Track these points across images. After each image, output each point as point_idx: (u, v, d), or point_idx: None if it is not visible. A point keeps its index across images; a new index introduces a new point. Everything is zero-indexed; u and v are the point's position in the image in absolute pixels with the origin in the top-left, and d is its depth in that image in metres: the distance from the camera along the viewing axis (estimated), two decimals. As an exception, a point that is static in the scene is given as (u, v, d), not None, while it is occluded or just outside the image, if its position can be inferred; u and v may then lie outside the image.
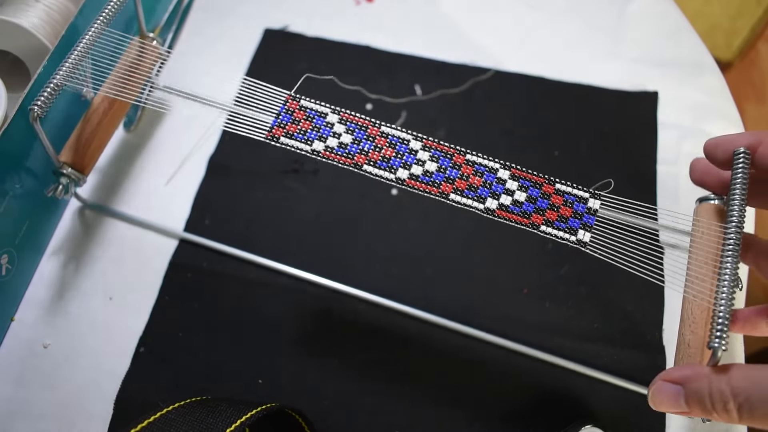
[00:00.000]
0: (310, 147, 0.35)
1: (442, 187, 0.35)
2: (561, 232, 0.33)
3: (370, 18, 0.61)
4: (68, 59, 0.38)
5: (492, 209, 0.34)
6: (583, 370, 0.44)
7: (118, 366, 0.43)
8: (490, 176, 0.35)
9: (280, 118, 0.36)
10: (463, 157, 0.35)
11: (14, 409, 0.41)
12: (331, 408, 0.42)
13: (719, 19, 1.11)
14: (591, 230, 0.33)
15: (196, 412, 0.34)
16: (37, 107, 0.36)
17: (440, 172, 0.35)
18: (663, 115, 0.55)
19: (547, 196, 0.34)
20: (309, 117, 0.36)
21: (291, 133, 0.36)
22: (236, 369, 0.44)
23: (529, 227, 0.34)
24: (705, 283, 0.30)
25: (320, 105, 0.37)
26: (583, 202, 0.34)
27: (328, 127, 0.36)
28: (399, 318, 0.46)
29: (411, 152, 0.35)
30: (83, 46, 0.38)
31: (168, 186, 0.51)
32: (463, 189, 0.35)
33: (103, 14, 0.39)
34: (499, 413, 0.43)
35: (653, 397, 0.29)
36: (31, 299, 0.45)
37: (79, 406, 0.42)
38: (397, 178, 0.35)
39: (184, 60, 0.57)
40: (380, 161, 0.35)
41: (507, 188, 0.35)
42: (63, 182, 0.41)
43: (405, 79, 0.57)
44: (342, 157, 0.35)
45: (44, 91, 0.36)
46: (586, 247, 0.33)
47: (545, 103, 0.56)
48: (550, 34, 0.61)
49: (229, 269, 0.47)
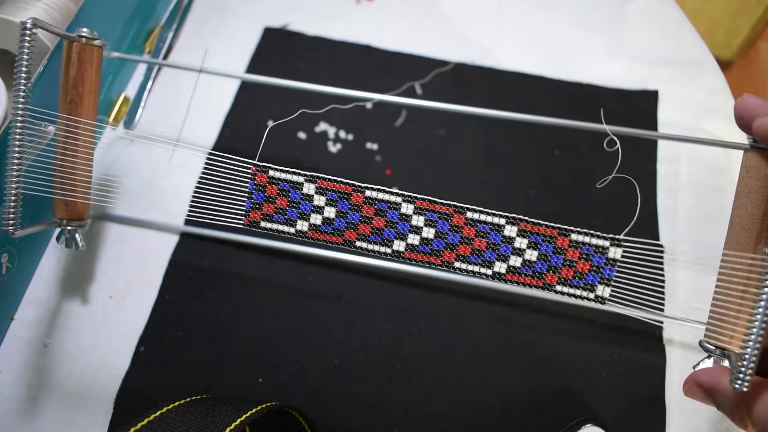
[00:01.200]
0: (294, 228, 0.33)
1: (444, 256, 0.32)
2: (578, 290, 0.31)
3: (370, 17, 0.61)
4: (12, 161, 0.34)
5: (501, 273, 0.31)
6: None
7: (118, 365, 0.43)
8: (495, 236, 0.32)
9: (253, 197, 0.33)
10: (463, 217, 0.32)
11: (14, 408, 0.42)
12: (332, 407, 0.42)
13: (720, 18, 1.11)
14: (610, 284, 0.31)
15: (196, 410, 0.34)
16: (11, 227, 0.35)
17: (440, 238, 0.32)
18: (663, 114, 0.55)
19: (562, 251, 0.31)
20: (283, 191, 0.33)
21: (269, 214, 0.33)
22: (236, 368, 0.44)
23: (543, 288, 0.31)
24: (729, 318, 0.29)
25: (291, 174, 0.33)
26: (603, 252, 0.31)
27: (307, 201, 0.32)
28: (398, 317, 0.46)
29: (403, 218, 0.32)
30: (19, 131, 0.34)
31: (167, 184, 0.51)
32: (467, 255, 0.32)
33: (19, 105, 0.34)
34: (500, 412, 0.43)
35: (687, 393, 0.30)
36: (31, 298, 0.45)
37: (79, 405, 0.42)
38: (393, 251, 0.32)
39: (184, 59, 0.57)
40: (372, 234, 0.32)
41: (516, 248, 0.31)
42: (68, 235, 0.41)
43: (405, 78, 0.57)
44: (330, 236, 0.32)
45: (9, 211, 0.35)
46: (605, 303, 0.30)
47: (545, 102, 0.56)
48: (550, 33, 0.61)
49: (229, 268, 0.47)
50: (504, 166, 0.53)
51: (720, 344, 0.30)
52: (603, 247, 0.31)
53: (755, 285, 0.27)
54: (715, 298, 0.31)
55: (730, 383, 0.27)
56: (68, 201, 0.39)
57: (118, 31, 0.51)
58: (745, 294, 0.29)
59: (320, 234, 0.32)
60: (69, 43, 0.38)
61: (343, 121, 0.54)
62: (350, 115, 0.54)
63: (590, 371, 0.44)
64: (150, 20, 0.57)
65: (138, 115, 0.54)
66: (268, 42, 0.59)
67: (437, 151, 0.53)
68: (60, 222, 0.40)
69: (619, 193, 0.45)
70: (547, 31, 0.61)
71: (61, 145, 0.38)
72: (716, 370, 0.29)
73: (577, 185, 0.52)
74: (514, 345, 0.45)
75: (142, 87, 0.55)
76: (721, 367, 0.30)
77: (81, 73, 0.38)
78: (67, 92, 0.38)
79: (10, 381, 0.42)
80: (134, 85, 0.55)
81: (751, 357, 0.26)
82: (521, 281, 0.31)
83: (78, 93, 0.38)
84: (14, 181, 0.35)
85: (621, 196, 0.47)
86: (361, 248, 0.32)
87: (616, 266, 0.31)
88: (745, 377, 0.26)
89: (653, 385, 0.43)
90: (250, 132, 0.53)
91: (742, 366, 0.26)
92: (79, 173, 0.39)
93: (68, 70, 0.38)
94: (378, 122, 0.54)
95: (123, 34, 0.53)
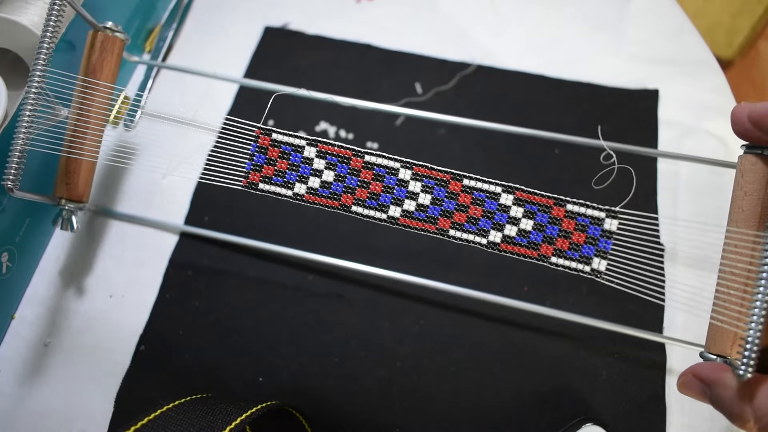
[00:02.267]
0: (291, 191, 0.33)
1: (439, 223, 0.32)
2: (574, 262, 0.31)
3: (370, 16, 0.61)
4: (23, 118, 0.35)
5: (496, 243, 0.31)
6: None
7: (118, 364, 0.43)
8: (491, 204, 0.32)
9: (254, 159, 0.33)
10: (460, 184, 0.32)
11: (14, 407, 0.42)
12: (332, 406, 0.42)
13: (720, 17, 1.11)
14: (607, 257, 0.31)
15: (197, 409, 0.34)
16: (10, 182, 0.35)
17: (436, 205, 0.32)
18: (663, 113, 0.55)
19: (557, 221, 0.31)
20: (284, 154, 0.33)
21: (268, 177, 0.33)
22: (237, 367, 0.44)
23: (538, 260, 0.31)
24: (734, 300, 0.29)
25: (294, 137, 0.34)
26: (598, 223, 0.31)
27: (307, 164, 0.33)
28: (399, 316, 0.46)
29: (401, 184, 0.33)
30: (34, 92, 0.35)
31: (167, 183, 0.51)
32: (463, 222, 0.32)
33: (43, 51, 0.36)
34: (500, 411, 0.43)
35: (681, 387, 0.29)
36: (31, 297, 0.46)
37: (80, 404, 0.42)
38: (389, 217, 0.32)
39: (183, 58, 0.57)
40: (369, 199, 0.32)
41: (511, 216, 0.31)
42: (65, 216, 0.41)
43: (405, 78, 0.57)
44: (327, 199, 0.33)
45: (11, 165, 0.35)
46: (600, 277, 0.30)
47: (546, 101, 0.56)
48: (550, 31, 0.61)
49: (229, 267, 0.47)
50: (504, 166, 0.53)
51: (721, 352, 0.30)
52: (599, 218, 0.31)
53: (754, 284, 0.27)
54: (716, 304, 0.31)
55: (734, 371, 0.26)
56: (70, 180, 0.40)
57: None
58: (744, 297, 0.29)
59: (317, 197, 0.33)
60: (94, 32, 0.41)
61: (344, 120, 0.54)
62: (350, 114, 0.54)
63: (590, 371, 0.44)
64: (150, 19, 0.57)
65: (138, 114, 0.54)
66: (269, 41, 0.59)
67: (437, 150, 0.53)
68: (59, 201, 0.40)
69: (619, 193, 0.45)
70: (548, 30, 0.61)
71: (74, 119, 0.39)
72: (717, 365, 0.29)
73: (577, 184, 0.52)
74: (514, 345, 0.45)
75: (142, 86, 0.55)
76: (722, 364, 0.30)
77: (101, 60, 0.41)
78: (85, 75, 0.40)
79: (10, 380, 0.42)
80: (134, 84, 0.55)
81: (754, 339, 0.26)
82: (516, 251, 0.31)
83: (96, 78, 0.40)
84: (21, 137, 0.35)
85: (622, 196, 0.47)
86: (357, 213, 0.33)
87: (612, 239, 0.31)
88: (749, 361, 0.26)
89: (653, 385, 0.43)
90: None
91: (745, 350, 0.26)
92: (87, 146, 0.40)
93: (90, 56, 0.41)
94: (378, 121, 0.54)
95: (123, 34, 0.53)
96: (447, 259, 0.48)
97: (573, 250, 0.31)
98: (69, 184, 0.40)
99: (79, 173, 0.41)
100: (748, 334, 0.26)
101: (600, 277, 0.31)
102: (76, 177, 0.40)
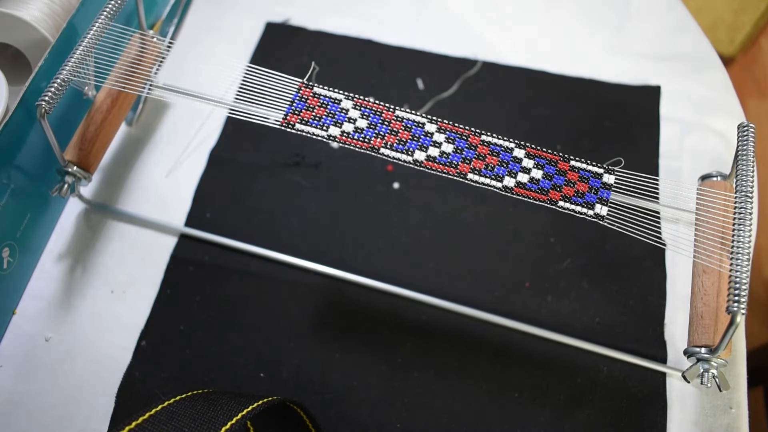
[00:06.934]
0: (326, 132, 0.36)
1: (459, 168, 0.35)
2: (578, 206, 0.34)
3: (371, 12, 0.61)
4: (74, 54, 0.37)
5: (510, 187, 0.35)
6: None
7: (119, 359, 0.43)
8: (506, 155, 0.36)
9: (295, 105, 0.37)
10: (479, 138, 0.36)
11: (16, 402, 0.42)
12: (333, 401, 0.42)
13: (722, 14, 1.11)
14: (607, 204, 0.34)
15: (198, 405, 0.34)
16: (44, 103, 0.35)
17: (457, 153, 0.35)
18: (665, 110, 0.55)
19: (563, 173, 0.35)
20: (323, 104, 0.37)
21: (306, 119, 0.36)
22: (238, 362, 0.44)
23: (548, 203, 0.34)
24: (714, 252, 0.32)
25: (334, 92, 0.37)
26: (598, 177, 0.35)
27: (343, 113, 0.36)
28: (400, 311, 0.46)
29: (427, 134, 0.36)
30: (88, 41, 0.38)
31: (169, 180, 0.51)
32: (481, 168, 0.35)
33: (107, 9, 0.39)
34: (500, 405, 0.43)
35: None
36: (32, 292, 0.46)
37: (81, 399, 0.42)
38: (414, 159, 0.35)
39: (185, 53, 0.57)
40: (397, 144, 0.36)
41: (523, 166, 0.35)
42: (68, 181, 0.40)
43: (407, 73, 0.57)
44: (358, 141, 0.36)
45: (51, 87, 0.36)
46: (603, 221, 0.34)
47: (548, 97, 0.56)
48: (552, 28, 0.61)
49: (230, 263, 0.47)
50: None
51: (704, 343, 0.33)
52: (598, 173, 0.35)
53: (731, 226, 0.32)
54: (692, 301, 0.34)
55: (726, 311, 0.29)
56: (84, 147, 0.41)
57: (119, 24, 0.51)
58: (723, 243, 0.33)
59: (349, 139, 0.36)
60: (139, 35, 0.44)
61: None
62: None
63: (591, 366, 0.44)
64: (151, 15, 0.57)
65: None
66: (270, 37, 0.59)
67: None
68: (67, 164, 0.40)
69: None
70: (550, 26, 0.61)
71: (102, 99, 0.42)
72: None
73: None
74: (515, 340, 0.45)
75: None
76: None
77: (139, 58, 0.43)
78: (122, 67, 0.42)
79: (11, 375, 0.42)
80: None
81: (743, 278, 0.29)
82: (528, 195, 0.34)
83: (130, 70, 0.41)
84: (71, 67, 0.37)
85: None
86: (385, 155, 0.35)
87: (611, 190, 0.35)
88: (741, 298, 0.29)
89: (654, 381, 0.43)
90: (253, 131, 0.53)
91: (734, 288, 0.29)
92: (105, 128, 0.41)
93: (129, 53, 0.43)
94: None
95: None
96: (449, 252, 0.48)
97: (577, 196, 0.34)
98: (82, 150, 0.41)
99: (94, 142, 0.41)
100: (735, 273, 0.30)
101: (603, 221, 0.34)
102: (91, 145, 0.41)
